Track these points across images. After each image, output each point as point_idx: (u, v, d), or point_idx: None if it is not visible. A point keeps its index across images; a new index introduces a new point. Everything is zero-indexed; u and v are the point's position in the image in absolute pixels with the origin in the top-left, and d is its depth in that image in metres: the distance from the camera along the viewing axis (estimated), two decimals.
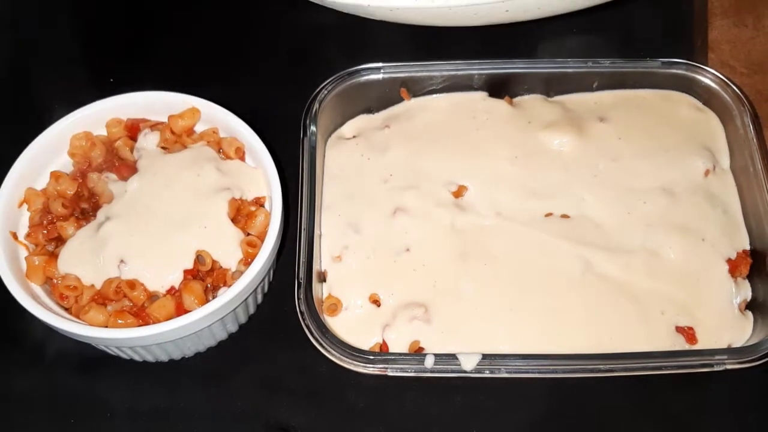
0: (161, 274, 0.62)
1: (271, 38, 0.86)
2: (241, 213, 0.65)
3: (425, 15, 0.72)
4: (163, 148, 0.68)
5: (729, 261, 0.69)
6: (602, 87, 0.79)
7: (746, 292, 0.69)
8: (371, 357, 0.63)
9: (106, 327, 0.60)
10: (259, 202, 0.66)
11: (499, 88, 0.78)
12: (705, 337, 0.67)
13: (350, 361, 0.63)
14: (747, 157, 0.72)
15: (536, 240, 0.70)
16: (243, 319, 0.68)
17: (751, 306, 0.69)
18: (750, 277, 0.70)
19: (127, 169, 0.67)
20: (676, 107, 0.78)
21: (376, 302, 0.68)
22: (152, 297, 0.62)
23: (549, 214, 0.72)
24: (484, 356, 0.62)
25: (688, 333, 0.66)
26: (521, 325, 0.66)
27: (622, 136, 0.76)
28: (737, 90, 0.75)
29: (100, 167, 0.68)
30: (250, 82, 0.83)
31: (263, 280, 0.65)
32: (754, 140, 0.72)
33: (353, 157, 0.75)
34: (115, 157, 0.68)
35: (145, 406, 0.66)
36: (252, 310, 0.69)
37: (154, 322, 0.60)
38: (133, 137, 0.69)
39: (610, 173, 0.74)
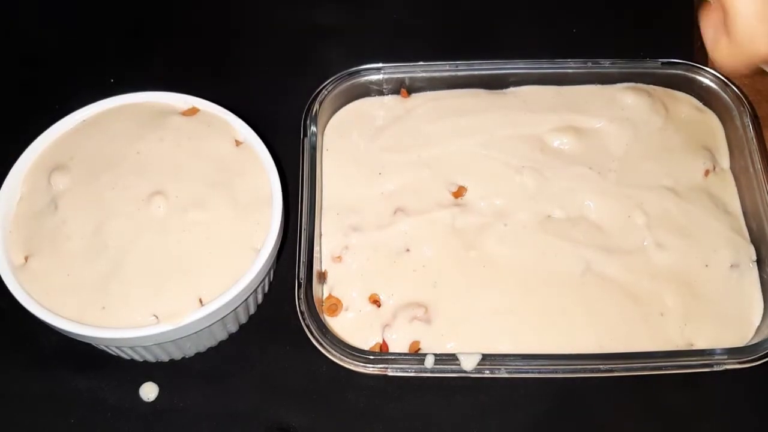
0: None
1: (271, 38, 0.86)
2: None
3: None
4: None
5: (729, 261, 0.69)
6: None
7: (747, 291, 0.69)
8: (371, 357, 0.63)
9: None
10: None
11: (499, 87, 0.78)
12: (705, 337, 0.67)
13: (350, 361, 0.63)
14: (747, 157, 0.72)
15: (536, 240, 0.70)
16: (243, 319, 0.68)
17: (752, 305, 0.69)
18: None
19: None
20: (676, 107, 0.78)
21: (376, 302, 0.68)
22: None
23: (549, 215, 0.72)
24: (484, 356, 0.63)
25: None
26: (521, 325, 0.66)
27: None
28: (737, 90, 0.75)
29: None
30: (250, 82, 0.83)
31: (263, 280, 0.65)
32: (754, 140, 0.72)
33: (353, 156, 0.75)
34: None
35: (145, 406, 0.66)
36: (252, 310, 0.69)
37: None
38: None
39: (611, 173, 0.74)
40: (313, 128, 0.73)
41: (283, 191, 0.65)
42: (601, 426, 0.66)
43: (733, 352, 0.64)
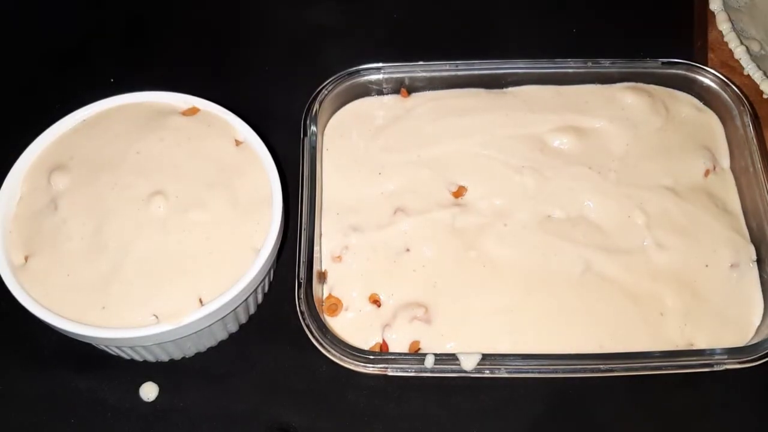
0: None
1: (271, 38, 0.86)
2: None
3: None
4: None
5: (729, 261, 0.69)
6: None
7: (747, 291, 0.69)
8: (371, 357, 0.63)
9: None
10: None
11: (499, 87, 0.78)
12: (705, 337, 0.67)
13: (350, 361, 0.63)
14: (747, 157, 0.72)
15: (536, 240, 0.70)
16: (243, 319, 0.68)
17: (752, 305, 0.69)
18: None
19: None
20: (676, 107, 0.78)
21: (377, 302, 0.68)
22: None
23: (549, 215, 0.72)
24: (484, 356, 0.63)
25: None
26: (521, 325, 0.66)
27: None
28: (737, 90, 0.75)
29: None
30: (250, 82, 0.83)
31: (263, 280, 0.65)
32: (754, 140, 0.72)
33: (353, 156, 0.75)
34: None
35: (145, 406, 0.66)
36: (252, 310, 0.69)
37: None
38: None
39: (611, 173, 0.74)
40: (313, 128, 0.73)
41: (283, 191, 0.65)
42: (601, 426, 0.66)
43: (733, 352, 0.64)
